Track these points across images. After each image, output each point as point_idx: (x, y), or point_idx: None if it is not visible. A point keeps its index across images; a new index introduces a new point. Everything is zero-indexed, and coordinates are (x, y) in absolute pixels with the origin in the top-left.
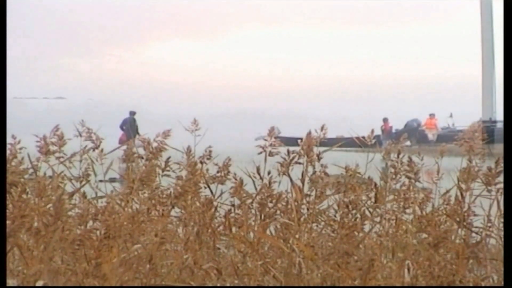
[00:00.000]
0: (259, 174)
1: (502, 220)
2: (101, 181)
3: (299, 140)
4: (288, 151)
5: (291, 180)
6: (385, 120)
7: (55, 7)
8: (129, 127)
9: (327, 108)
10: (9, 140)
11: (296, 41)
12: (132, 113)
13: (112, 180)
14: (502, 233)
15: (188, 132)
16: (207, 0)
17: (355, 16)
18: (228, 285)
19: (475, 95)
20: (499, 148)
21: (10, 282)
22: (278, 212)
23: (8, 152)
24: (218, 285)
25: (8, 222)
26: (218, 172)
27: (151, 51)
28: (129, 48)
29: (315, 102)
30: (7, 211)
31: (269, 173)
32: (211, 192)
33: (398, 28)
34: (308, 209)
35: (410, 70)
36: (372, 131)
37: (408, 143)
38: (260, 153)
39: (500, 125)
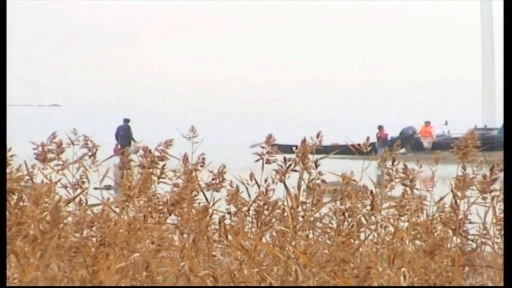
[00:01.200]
0: (255, 181)
1: (498, 227)
2: (96, 188)
3: (293, 148)
4: (284, 159)
5: (286, 188)
6: (380, 128)
7: (50, 11)
8: (123, 134)
9: (325, 112)
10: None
11: (294, 43)
12: (126, 121)
13: (108, 187)
14: (498, 240)
15: (185, 138)
16: (205, 1)
17: (355, 18)
18: None
19: (475, 98)
20: (494, 155)
21: None
22: (274, 219)
23: None
24: None
25: None
26: (213, 179)
27: (148, 52)
28: (126, 48)
29: (313, 105)
30: None
31: (265, 180)
32: (206, 199)
33: (398, 30)
34: (303, 217)
35: (410, 72)
36: (368, 138)
37: (403, 150)
38: (257, 160)
39: (494, 133)
